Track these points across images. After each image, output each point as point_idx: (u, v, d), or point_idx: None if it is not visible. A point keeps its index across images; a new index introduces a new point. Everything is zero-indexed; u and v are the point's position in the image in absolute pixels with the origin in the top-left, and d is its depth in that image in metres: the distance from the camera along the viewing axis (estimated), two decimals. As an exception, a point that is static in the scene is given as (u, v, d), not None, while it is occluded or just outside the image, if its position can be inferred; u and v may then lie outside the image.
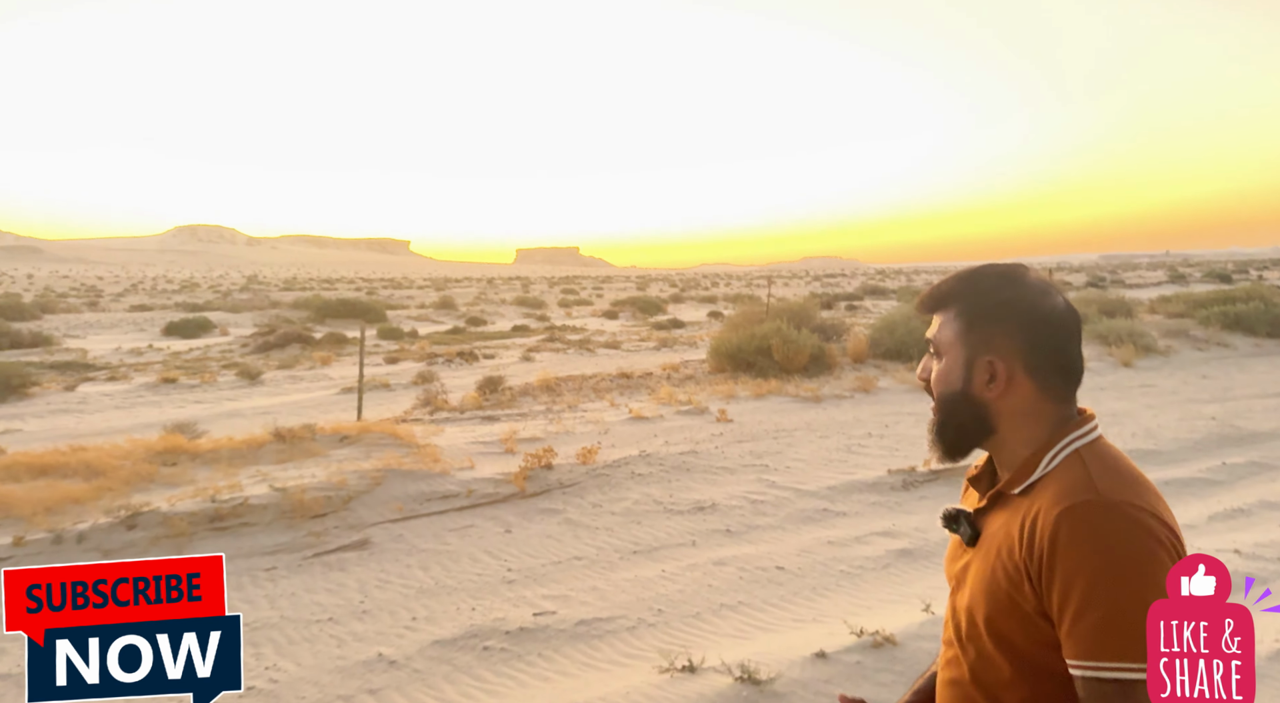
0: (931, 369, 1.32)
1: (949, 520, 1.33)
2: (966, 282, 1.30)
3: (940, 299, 1.32)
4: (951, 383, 1.28)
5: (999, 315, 1.26)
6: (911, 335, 13.77)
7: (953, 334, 1.28)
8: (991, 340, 1.25)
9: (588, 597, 5.12)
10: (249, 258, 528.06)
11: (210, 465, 7.45)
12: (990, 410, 1.26)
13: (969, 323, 1.27)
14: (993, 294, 1.27)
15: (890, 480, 7.32)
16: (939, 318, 1.31)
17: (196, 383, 15.02)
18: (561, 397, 11.80)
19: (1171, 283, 50.23)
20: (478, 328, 28.98)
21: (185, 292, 65.40)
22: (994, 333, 1.25)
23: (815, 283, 75.05)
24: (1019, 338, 1.25)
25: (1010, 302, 1.26)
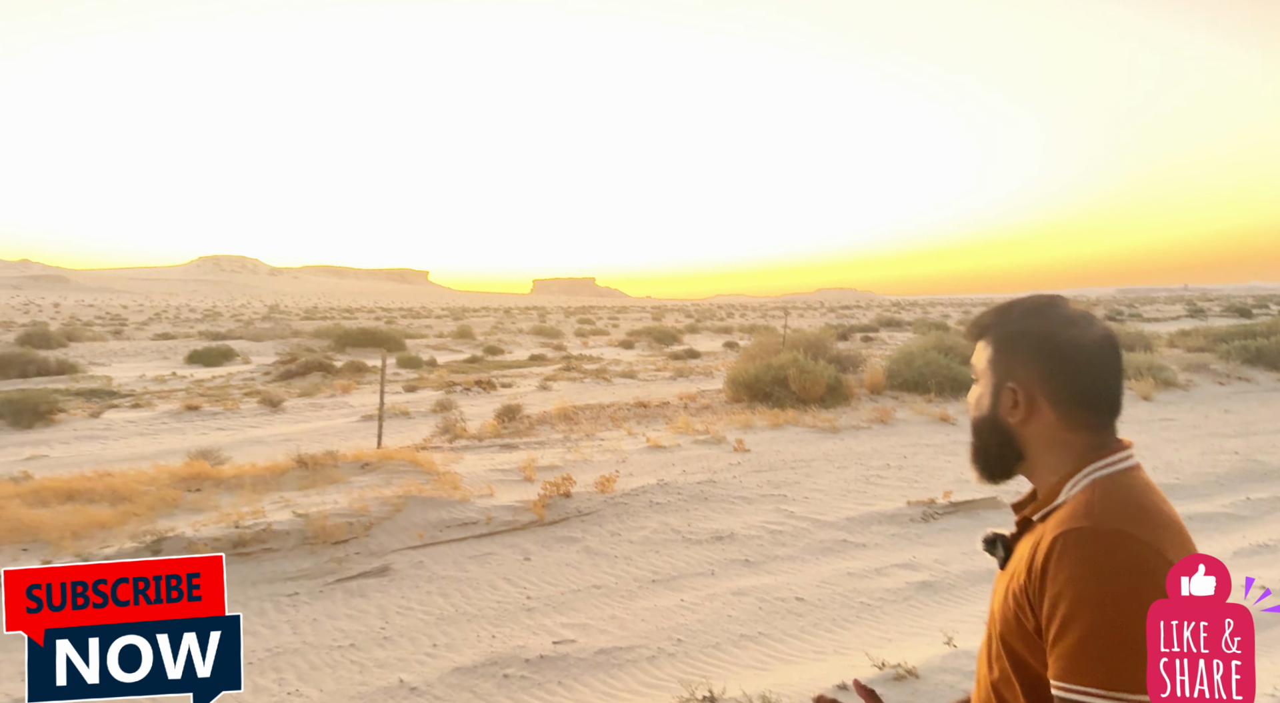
0: (973, 396, 1.38)
1: (988, 544, 1.36)
2: (1001, 312, 1.36)
3: (979, 328, 1.38)
4: (982, 408, 1.34)
5: (1020, 344, 1.30)
6: (929, 367, 13.75)
7: (984, 361, 1.34)
8: (1013, 368, 1.30)
9: (607, 626, 5.13)
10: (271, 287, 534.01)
11: (234, 492, 7.54)
12: (1016, 436, 1.30)
13: (996, 350, 1.32)
14: (1017, 323, 1.32)
15: (910, 512, 7.30)
16: (978, 346, 1.37)
17: (219, 410, 15.18)
18: (579, 425, 11.85)
19: (1190, 317, 49.81)
20: (495, 357, 29.14)
21: (208, 321, 66.18)
22: (1015, 361, 1.30)
23: (831, 314, 74.98)
24: (1036, 367, 1.28)
25: (1031, 331, 1.30)
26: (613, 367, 23.23)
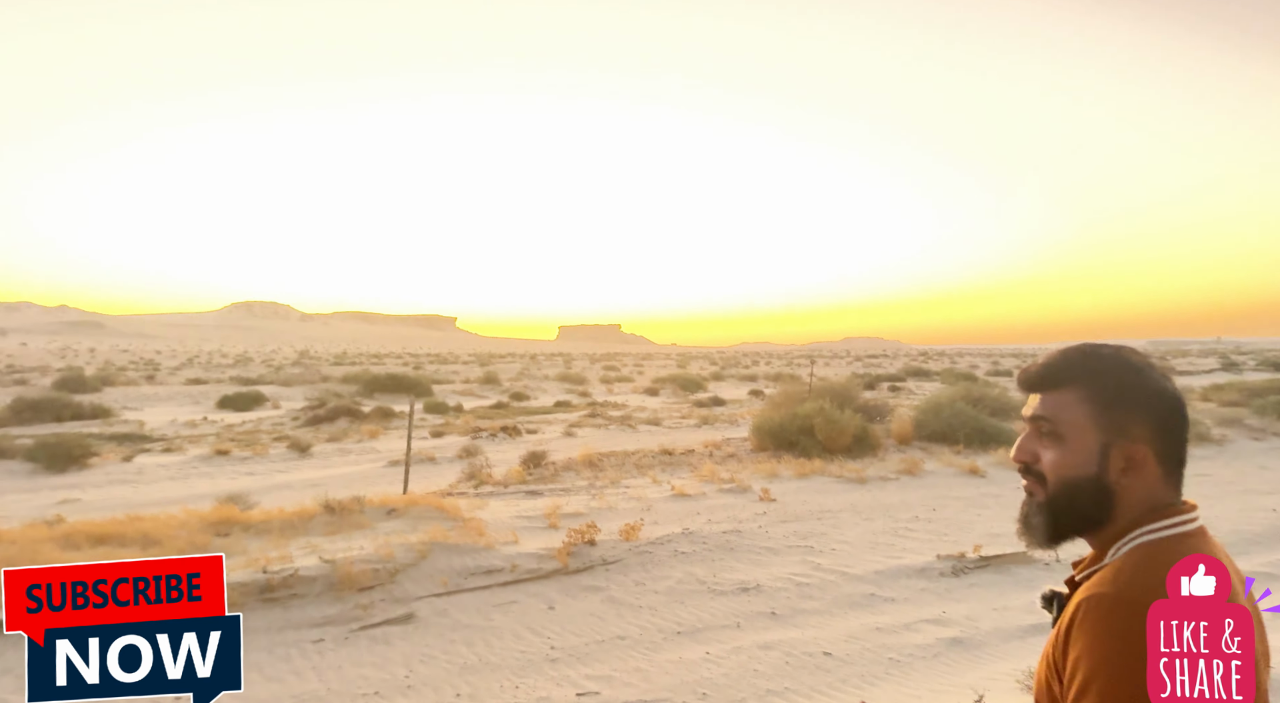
0: (1037, 451, 1.25)
1: (1046, 601, 1.31)
2: (1088, 360, 1.24)
3: (1056, 377, 1.25)
4: (1081, 468, 1.21)
5: (1135, 400, 1.21)
6: (957, 418, 13.62)
7: (1082, 416, 1.21)
8: (1128, 427, 1.20)
9: (631, 678, 5.08)
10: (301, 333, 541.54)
11: (261, 536, 7.60)
12: (1116, 499, 1.21)
13: (1104, 406, 1.21)
14: (1125, 376, 1.22)
15: (939, 566, 7.18)
16: (1053, 397, 1.25)
17: (249, 455, 15.36)
18: (604, 472, 11.84)
19: (1224, 370, 48.95)
20: (521, 403, 29.27)
21: (239, 366, 67.16)
22: (1131, 419, 1.20)
23: (857, 363, 74.57)
24: (1153, 424, 1.20)
25: (1144, 386, 1.21)
26: (638, 414, 23.23)
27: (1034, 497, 1.26)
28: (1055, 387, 1.25)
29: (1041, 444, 1.25)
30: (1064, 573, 6.14)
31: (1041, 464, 1.24)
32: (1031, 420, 1.27)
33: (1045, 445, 1.24)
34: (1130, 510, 1.21)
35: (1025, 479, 1.28)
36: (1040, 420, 1.25)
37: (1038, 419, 1.25)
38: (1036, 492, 1.25)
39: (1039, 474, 1.25)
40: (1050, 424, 1.24)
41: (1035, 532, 1.26)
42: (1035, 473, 1.25)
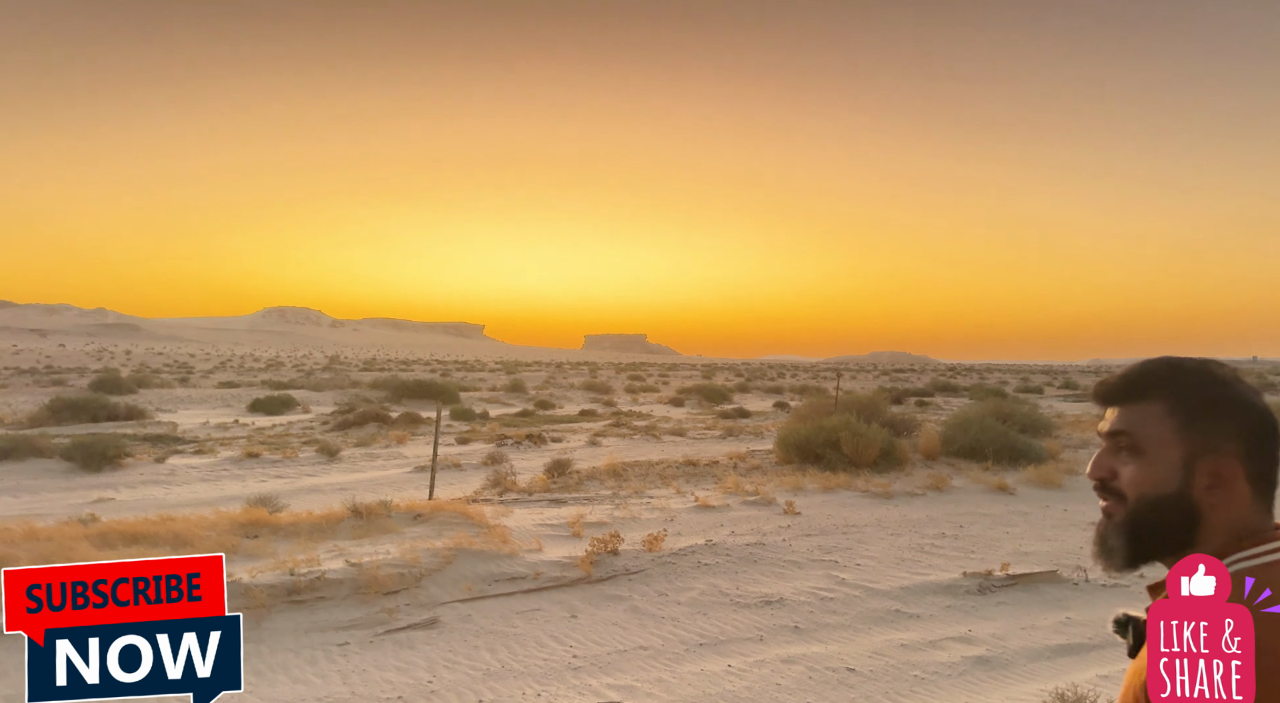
0: (1115, 467, 1.19)
1: (1119, 625, 1.21)
2: (1172, 371, 1.19)
3: (1138, 389, 1.19)
4: (1164, 484, 1.15)
5: (1223, 413, 1.15)
6: (986, 434, 13.47)
7: (1167, 430, 1.15)
8: (1216, 441, 1.14)
9: (653, 688, 5.07)
10: (332, 339, 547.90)
11: (290, 539, 7.70)
12: (1202, 518, 1.14)
13: (1188, 418, 1.15)
14: (1212, 389, 1.16)
15: (966, 584, 7.10)
16: (1133, 410, 1.19)
17: (278, 458, 15.55)
18: (628, 482, 11.84)
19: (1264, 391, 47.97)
20: (546, 411, 29.37)
21: (271, 370, 68.06)
22: (1219, 433, 1.14)
23: (884, 377, 73.97)
24: (1243, 440, 1.14)
25: (1233, 399, 1.15)
26: (662, 424, 23.22)
27: (1112, 517, 1.18)
28: (1136, 399, 1.19)
29: (1120, 460, 1.18)
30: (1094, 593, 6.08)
31: (1120, 481, 1.18)
32: (1109, 435, 1.20)
33: (1124, 461, 1.18)
34: (1219, 533, 1.15)
35: (1103, 499, 1.21)
36: (1119, 435, 1.19)
37: (1116, 434, 1.19)
38: (1115, 511, 1.18)
39: (1117, 492, 1.18)
40: (1130, 438, 1.17)
41: (1113, 554, 1.18)
42: (1113, 491, 1.19)
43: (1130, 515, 1.17)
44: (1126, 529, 1.17)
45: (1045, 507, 10.61)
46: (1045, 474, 12.03)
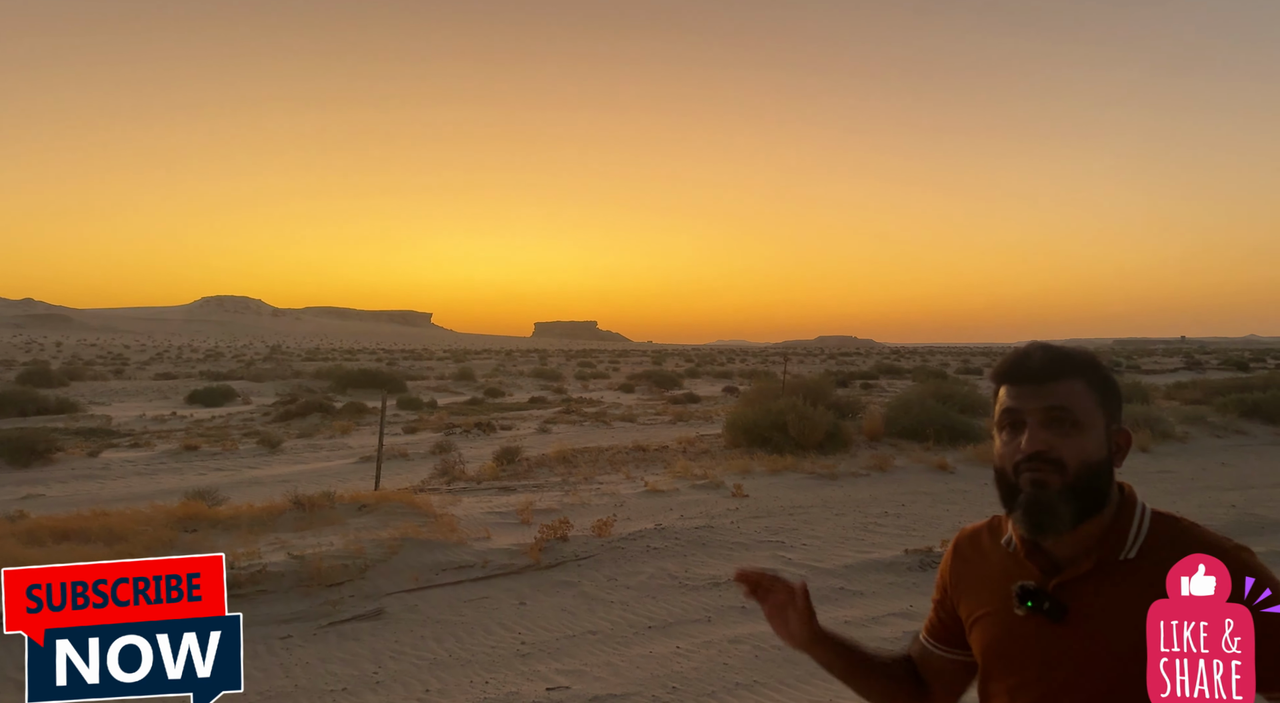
0: (1051, 439, 1.26)
1: (1030, 596, 1.27)
2: (1075, 354, 1.32)
3: (1062, 369, 1.29)
4: (1099, 451, 1.27)
5: (1115, 390, 1.33)
6: (927, 415, 13.78)
7: (1092, 404, 1.28)
8: (1117, 413, 1.31)
9: (602, 672, 5.09)
10: (273, 328, 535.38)
11: (230, 532, 7.53)
12: (1112, 479, 1.30)
13: (1102, 395, 1.29)
14: (1105, 370, 1.33)
15: (907, 561, 7.27)
16: (1062, 387, 1.27)
17: (218, 451, 15.19)
18: (578, 469, 11.84)
19: (1188, 369, 49.87)
20: (496, 399, 29.17)
21: (209, 361, 66.33)
22: (1116, 406, 1.32)
23: (831, 361, 75.06)
24: (1121, 411, 1.34)
25: (1114, 379, 1.34)
26: (612, 410, 23.24)
27: (1048, 487, 1.24)
28: (1061, 378, 1.28)
29: (1058, 433, 1.25)
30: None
31: (1059, 453, 1.24)
32: (1045, 411, 1.26)
33: (1065, 433, 1.25)
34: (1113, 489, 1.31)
35: (1036, 471, 1.25)
36: (1057, 409, 1.26)
37: (1054, 409, 1.26)
38: (1052, 480, 1.24)
39: (1056, 462, 1.24)
40: (1070, 413, 1.26)
41: (1060, 518, 1.24)
42: (1052, 461, 1.24)
43: (1074, 482, 1.24)
44: (1073, 494, 1.24)
45: (984, 484, 10.90)
46: (984, 453, 12.35)
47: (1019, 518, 1.27)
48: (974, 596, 1.40)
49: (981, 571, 1.40)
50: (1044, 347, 1.32)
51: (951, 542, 1.52)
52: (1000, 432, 1.32)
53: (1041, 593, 1.27)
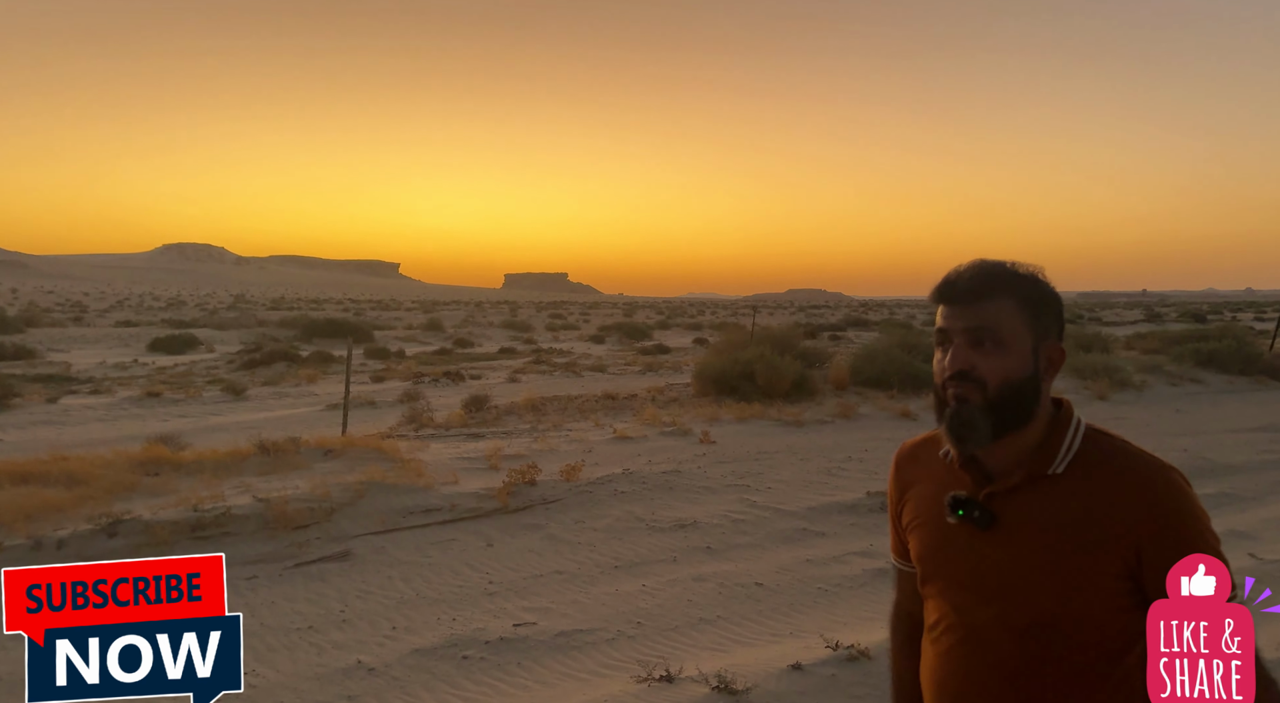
0: (974, 359, 1.29)
1: (961, 505, 1.32)
2: (1008, 272, 1.32)
3: (988, 289, 1.30)
4: (1023, 369, 1.29)
5: (1051, 306, 1.32)
6: (892, 364, 13.94)
7: (1019, 323, 1.29)
8: (1048, 328, 1.32)
9: (568, 609, 5.17)
10: (236, 277, 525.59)
11: (193, 476, 7.47)
12: (1041, 394, 1.31)
13: (1033, 312, 1.30)
14: (1041, 286, 1.33)
15: (868, 502, 7.42)
16: (987, 307, 1.29)
17: (181, 398, 14.98)
18: (547, 416, 11.86)
19: (1148, 321, 50.83)
20: (465, 350, 29.00)
21: (172, 309, 65.12)
22: (1050, 323, 1.32)
23: (800, 313, 75.51)
24: (1057, 328, 1.33)
25: (1050, 294, 1.34)
26: (583, 361, 23.24)
27: (970, 402, 1.28)
28: (988, 298, 1.30)
29: (980, 352, 1.29)
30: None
31: (981, 371, 1.28)
32: (968, 332, 1.30)
33: (986, 352, 1.28)
34: (1045, 404, 1.33)
35: (958, 388, 1.29)
36: (980, 330, 1.29)
37: (977, 329, 1.29)
38: (974, 396, 1.28)
39: (978, 380, 1.28)
40: (993, 332, 1.28)
41: (979, 432, 1.28)
42: (974, 379, 1.28)
43: (994, 398, 1.28)
44: (992, 410, 1.28)
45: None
46: (947, 401, 12.57)
47: (944, 432, 1.33)
48: (913, 505, 1.46)
49: (921, 481, 1.45)
50: (976, 266, 1.33)
51: (894, 456, 1.56)
52: (936, 349, 1.36)
53: (972, 502, 1.32)
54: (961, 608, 1.34)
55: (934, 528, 1.39)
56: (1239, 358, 16.26)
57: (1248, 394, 14.87)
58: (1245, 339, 17.34)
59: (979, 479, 1.34)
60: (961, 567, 1.34)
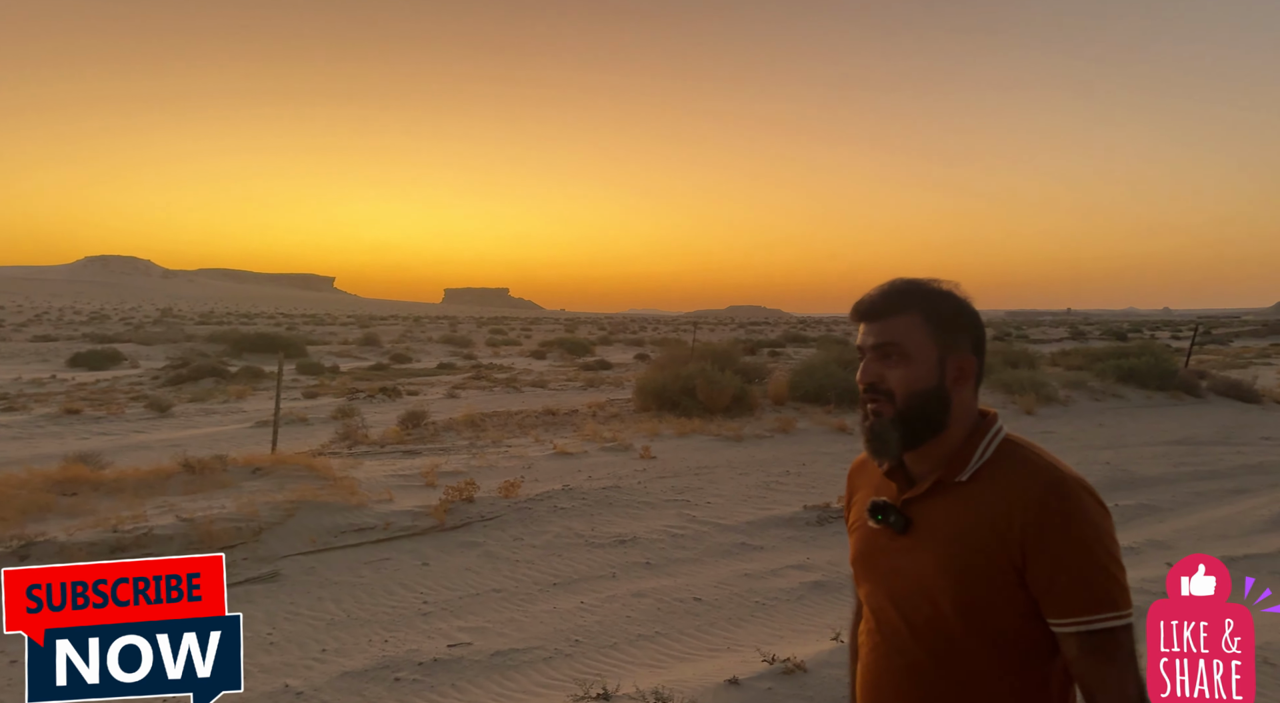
0: (883, 371, 1.35)
1: (880, 511, 1.38)
2: (919, 288, 1.38)
3: (896, 305, 1.37)
4: (927, 380, 1.34)
5: (960, 320, 1.37)
6: (829, 380, 14.17)
7: (924, 336, 1.34)
8: (958, 342, 1.36)
9: (505, 628, 5.09)
10: (163, 290, 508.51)
11: (114, 496, 7.17)
12: (952, 404, 1.35)
13: (939, 325, 1.35)
14: (951, 302, 1.38)
15: (806, 516, 7.50)
16: (894, 323, 1.36)
17: (102, 415, 14.40)
18: (486, 432, 11.73)
19: (1072, 339, 52.63)
20: (402, 365, 28.52)
21: (94, 323, 62.68)
22: (959, 335, 1.36)
23: (740, 330, 76.30)
24: (973, 341, 1.38)
25: (965, 310, 1.39)
26: (524, 376, 23.07)
27: (883, 415, 1.35)
28: (894, 314, 1.37)
29: (887, 365, 1.35)
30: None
31: (889, 383, 1.35)
32: (877, 347, 1.37)
33: (892, 365, 1.35)
34: (963, 415, 1.37)
35: (872, 401, 1.37)
36: (886, 345, 1.36)
37: (883, 345, 1.36)
38: (885, 409, 1.35)
39: (887, 392, 1.35)
40: (898, 346, 1.35)
41: (890, 444, 1.35)
42: (883, 391, 1.35)
43: (901, 409, 1.35)
44: (900, 421, 1.35)
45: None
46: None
47: (864, 443, 1.40)
48: (855, 511, 1.53)
49: (863, 488, 1.52)
50: (886, 285, 1.41)
51: (850, 466, 1.64)
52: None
53: (889, 508, 1.38)
54: (878, 610, 1.40)
55: (863, 533, 1.45)
56: (1157, 374, 16.96)
57: (1165, 408, 15.52)
58: (1163, 356, 18.09)
59: (902, 486, 1.40)
60: (881, 570, 1.40)
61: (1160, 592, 4.68)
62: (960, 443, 1.35)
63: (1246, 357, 32.17)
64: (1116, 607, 1.18)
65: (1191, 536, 7.21)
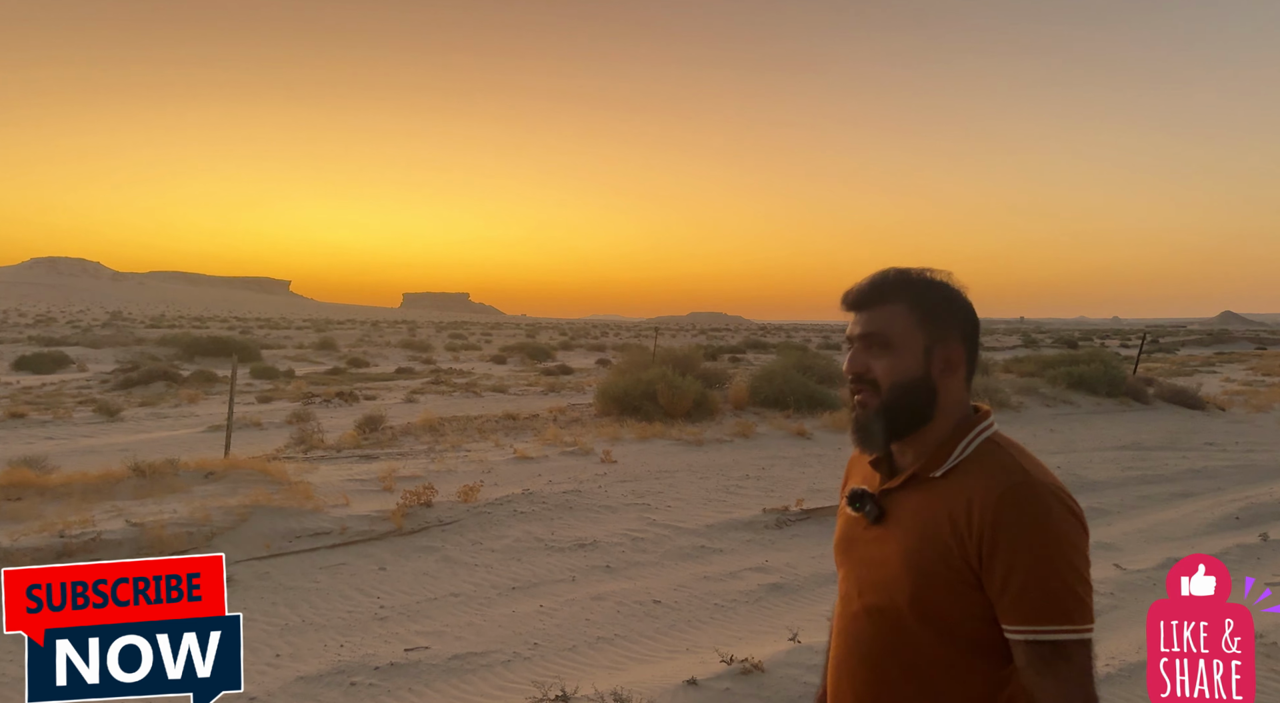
0: (868, 362, 1.34)
1: (857, 499, 1.38)
2: (907, 278, 1.36)
3: (882, 295, 1.35)
4: (912, 370, 1.32)
5: (949, 310, 1.35)
6: (789, 385, 14.31)
7: (910, 325, 1.32)
8: (946, 332, 1.33)
9: (463, 632, 5.06)
10: (114, 293, 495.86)
11: (61, 501, 6.98)
12: (939, 396, 1.33)
13: (926, 315, 1.33)
14: (939, 291, 1.35)
15: (765, 519, 7.56)
16: (880, 312, 1.34)
17: (49, 419, 14.01)
18: (445, 437, 11.63)
19: (1025, 346, 53.79)
20: (360, 369, 28.16)
21: (40, 326, 60.95)
22: (947, 325, 1.33)
23: (701, 335, 76.61)
24: (963, 331, 1.35)
25: (954, 299, 1.36)
26: (484, 381, 22.92)
27: (868, 406, 1.34)
28: (881, 303, 1.35)
29: (872, 356, 1.34)
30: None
31: (874, 373, 1.33)
32: (863, 337, 1.35)
33: (877, 356, 1.33)
34: (950, 408, 1.34)
35: (858, 392, 1.35)
36: (872, 335, 1.34)
37: (870, 334, 1.34)
38: (870, 400, 1.34)
39: (872, 382, 1.33)
40: (882, 336, 1.33)
41: (875, 435, 1.34)
42: (869, 382, 1.34)
43: (886, 400, 1.33)
44: (884, 412, 1.33)
45: (838, 449, 11.45)
46: (839, 419, 12.96)
47: (850, 433, 1.39)
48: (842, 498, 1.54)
49: (854, 477, 1.53)
50: (875, 275, 1.39)
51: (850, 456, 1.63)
52: None
53: (867, 497, 1.38)
54: (847, 596, 1.42)
55: (844, 520, 1.46)
56: (1106, 381, 17.40)
57: (1114, 414, 15.92)
58: (1112, 364, 18.56)
59: (885, 477, 1.40)
60: (854, 557, 1.41)
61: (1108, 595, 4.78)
62: (946, 436, 1.33)
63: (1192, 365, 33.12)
64: (1070, 620, 1.15)
65: (1138, 537, 7.41)
